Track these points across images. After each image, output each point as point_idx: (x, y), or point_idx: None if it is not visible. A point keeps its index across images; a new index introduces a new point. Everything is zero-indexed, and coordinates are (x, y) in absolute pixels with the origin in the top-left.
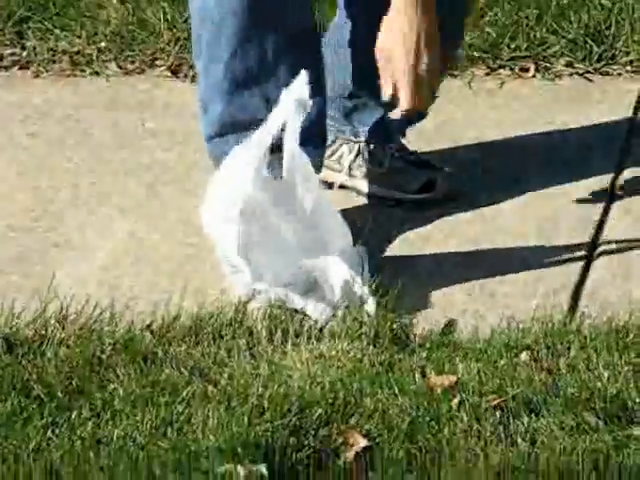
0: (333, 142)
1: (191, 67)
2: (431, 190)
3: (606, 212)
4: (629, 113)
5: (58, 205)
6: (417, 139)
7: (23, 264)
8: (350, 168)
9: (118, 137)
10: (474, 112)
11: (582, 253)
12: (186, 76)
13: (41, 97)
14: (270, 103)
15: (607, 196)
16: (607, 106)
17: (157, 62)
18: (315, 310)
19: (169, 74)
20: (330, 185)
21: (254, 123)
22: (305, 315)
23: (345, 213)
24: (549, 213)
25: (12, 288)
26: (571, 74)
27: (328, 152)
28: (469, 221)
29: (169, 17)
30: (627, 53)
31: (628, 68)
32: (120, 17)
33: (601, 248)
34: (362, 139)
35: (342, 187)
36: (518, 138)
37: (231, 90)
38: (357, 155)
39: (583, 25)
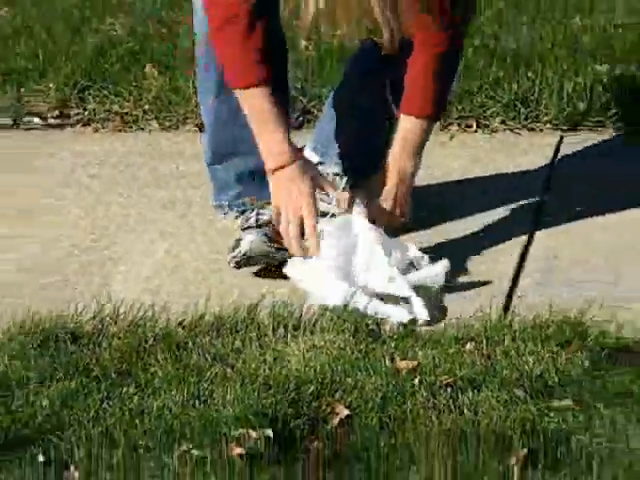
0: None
1: None
2: (403, 217)
3: (531, 236)
4: (549, 160)
5: (112, 230)
6: None
7: (85, 275)
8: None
9: (158, 178)
10: (429, 159)
11: (512, 268)
12: None
13: (99, 147)
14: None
15: (532, 224)
16: (532, 155)
17: (187, 121)
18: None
19: (197, 130)
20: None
21: (237, 153)
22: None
23: None
24: (486, 237)
25: (77, 293)
26: (505, 130)
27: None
28: (423, 241)
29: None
30: (547, 114)
31: (548, 125)
32: (159, 86)
33: (526, 265)
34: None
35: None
36: (463, 180)
37: (216, 127)
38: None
39: (514, 92)
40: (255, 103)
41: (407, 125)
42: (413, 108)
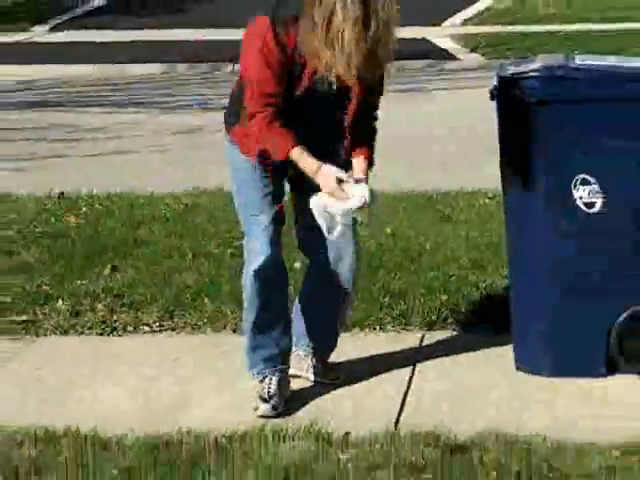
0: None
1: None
2: (338, 378)
3: (408, 387)
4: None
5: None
6: None
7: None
8: (306, 369)
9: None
10: None
11: (398, 406)
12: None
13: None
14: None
15: (407, 386)
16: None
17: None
18: None
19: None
20: (297, 376)
21: (264, 347)
22: None
23: (302, 390)
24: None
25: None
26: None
27: (296, 361)
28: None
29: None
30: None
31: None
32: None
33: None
34: (310, 358)
35: (302, 377)
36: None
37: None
38: (308, 363)
39: (397, 312)
40: (295, 158)
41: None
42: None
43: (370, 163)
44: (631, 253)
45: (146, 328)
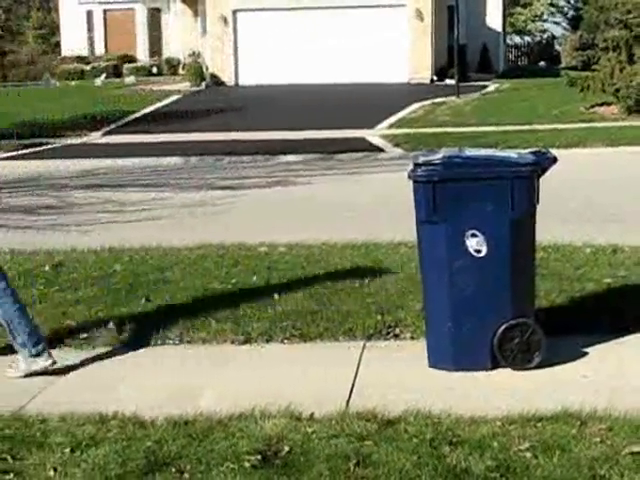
0: None
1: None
2: None
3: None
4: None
5: None
6: None
7: None
8: None
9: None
10: None
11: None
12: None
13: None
14: None
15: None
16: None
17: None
18: None
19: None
20: None
21: None
22: None
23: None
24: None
25: None
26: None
27: None
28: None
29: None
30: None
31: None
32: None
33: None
34: None
35: None
36: None
37: None
38: None
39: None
40: None
41: None
42: None
43: None
44: (505, 284)
45: (170, 342)
